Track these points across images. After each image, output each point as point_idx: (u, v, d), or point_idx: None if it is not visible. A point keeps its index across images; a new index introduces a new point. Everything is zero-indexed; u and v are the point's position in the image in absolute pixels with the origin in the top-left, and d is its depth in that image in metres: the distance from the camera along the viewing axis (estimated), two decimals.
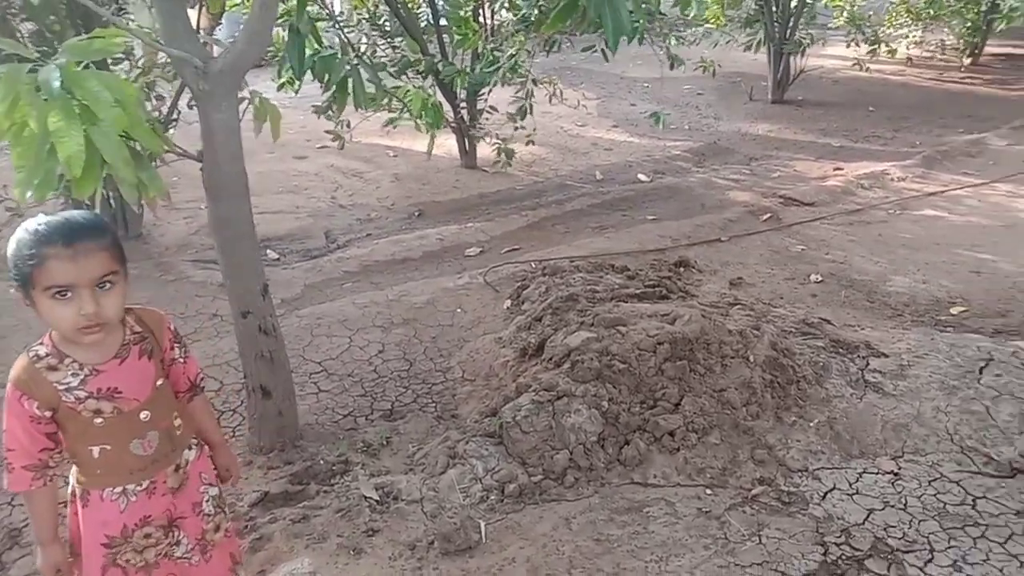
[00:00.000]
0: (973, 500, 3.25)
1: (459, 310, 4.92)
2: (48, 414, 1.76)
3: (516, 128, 7.56)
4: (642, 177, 7.86)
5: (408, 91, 6.22)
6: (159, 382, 1.93)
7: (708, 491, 3.31)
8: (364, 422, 3.87)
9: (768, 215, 6.52)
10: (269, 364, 3.46)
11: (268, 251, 6.07)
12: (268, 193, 7.34)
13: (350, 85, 4.73)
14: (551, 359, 3.84)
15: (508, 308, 4.87)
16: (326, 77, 4.65)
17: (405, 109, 6.74)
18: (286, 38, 4.17)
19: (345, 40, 6.32)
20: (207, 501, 2.11)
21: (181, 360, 2.04)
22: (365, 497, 3.16)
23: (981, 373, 4.00)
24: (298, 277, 5.57)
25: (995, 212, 6.76)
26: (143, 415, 1.88)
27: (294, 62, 4.19)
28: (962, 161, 8.34)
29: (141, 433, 1.89)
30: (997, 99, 11.30)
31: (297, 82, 5.51)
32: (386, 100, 6.97)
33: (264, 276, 3.41)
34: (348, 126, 7.22)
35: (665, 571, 2.86)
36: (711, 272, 5.47)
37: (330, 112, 6.95)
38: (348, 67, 4.65)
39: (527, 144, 8.13)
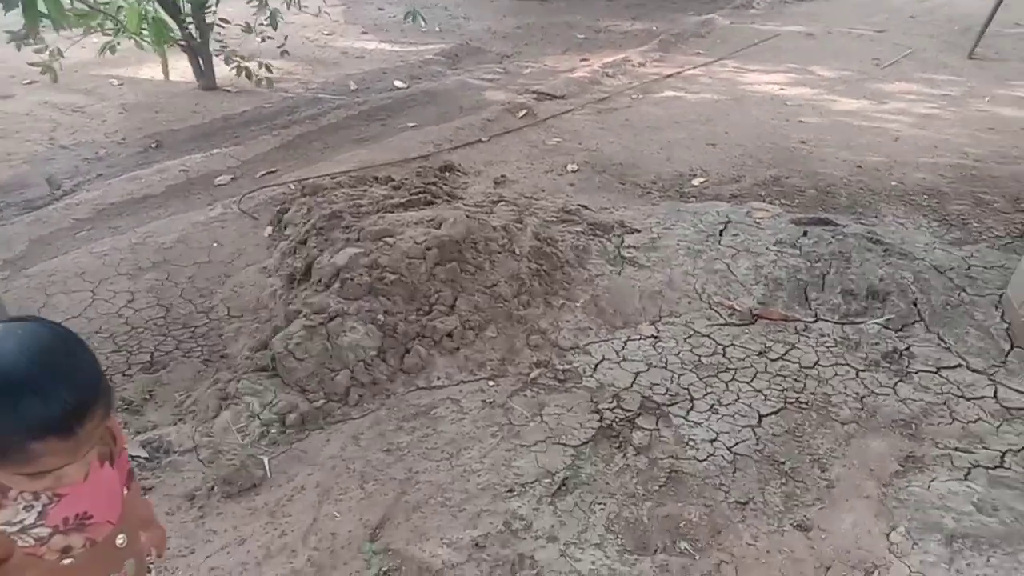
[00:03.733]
0: (723, 349, 3.61)
1: (216, 244, 4.57)
2: None
3: (262, 40, 7.01)
4: (398, 84, 7.66)
5: (120, 6, 5.52)
6: (124, 491, 1.50)
7: (491, 382, 3.40)
8: (121, 379, 3.52)
9: (524, 111, 6.63)
10: None
11: None
12: None
13: (40, 3, 4.08)
14: (320, 281, 3.69)
15: (270, 235, 4.60)
16: None
17: (122, 29, 6.00)
18: None
19: None
20: None
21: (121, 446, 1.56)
22: (131, 457, 2.90)
23: (721, 235, 4.41)
24: (20, 232, 4.87)
25: (725, 88, 7.36)
26: (119, 540, 1.46)
27: None
28: (694, 42, 8.95)
29: (118, 564, 1.48)
30: None
31: None
32: (98, 21, 6.16)
33: None
34: (60, 54, 6.30)
35: (456, 465, 2.92)
36: (475, 173, 5.50)
37: (30, 40, 6.02)
38: None
39: (282, 55, 7.60)
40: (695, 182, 5.34)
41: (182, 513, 2.69)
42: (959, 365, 3.47)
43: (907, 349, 3.56)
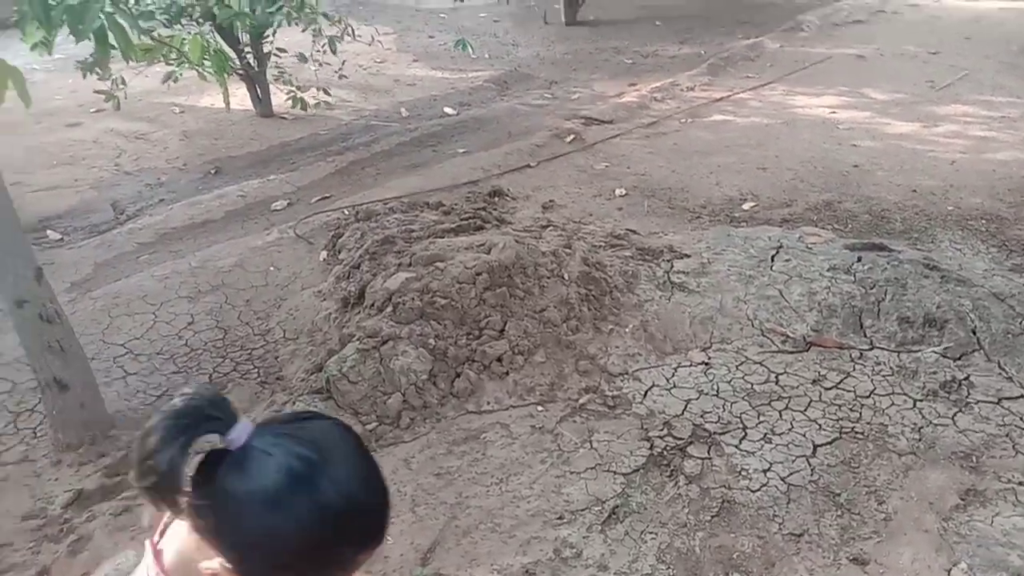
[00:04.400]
0: (776, 377, 3.57)
1: (272, 268, 4.70)
2: None
3: (319, 66, 7.21)
4: (448, 110, 7.78)
5: (184, 39, 5.74)
6: None
7: (540, 408, 3.41)
8: None
9: (572, 136, 6.68)
10: (60, 355, 3.15)
11: (48, 232, 5.48)
12: (40, 168, 6.59)
13: (110, 36, 4.26)
14: (373, 305, 3.76)
15: (325, 259, 4.71)
16: (79, 29, 4.15)
17: (184, 59, 6.23)
18: None
19: None
20: None
21: None
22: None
23: (773, 260, 4.37)
24: (86, 256, 5.07)
25: (775, 111, 7.31)
26: None
27: (38, 14, 3.70)
28: (743, 66, 8.91)
29: None
30: (769, 5, 12.12)
31: (49, 40, 4.90)
32: (163, 52, 6.41)
33: (35, 259, 3.06)
34: (123, 83, 6.57)
35: (506, 491, 2.94)
36: (524, 198, 5.55)
37: (97, 70, 6.29)
38: (103, 15, 4.18)
39: (340, 79, 7.80)
40: (745, 206, 5.31)
41: None
42: (1022, 396, 3.37)
43: (966, 379, 3.47)
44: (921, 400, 3.36)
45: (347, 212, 5.17)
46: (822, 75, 8.33)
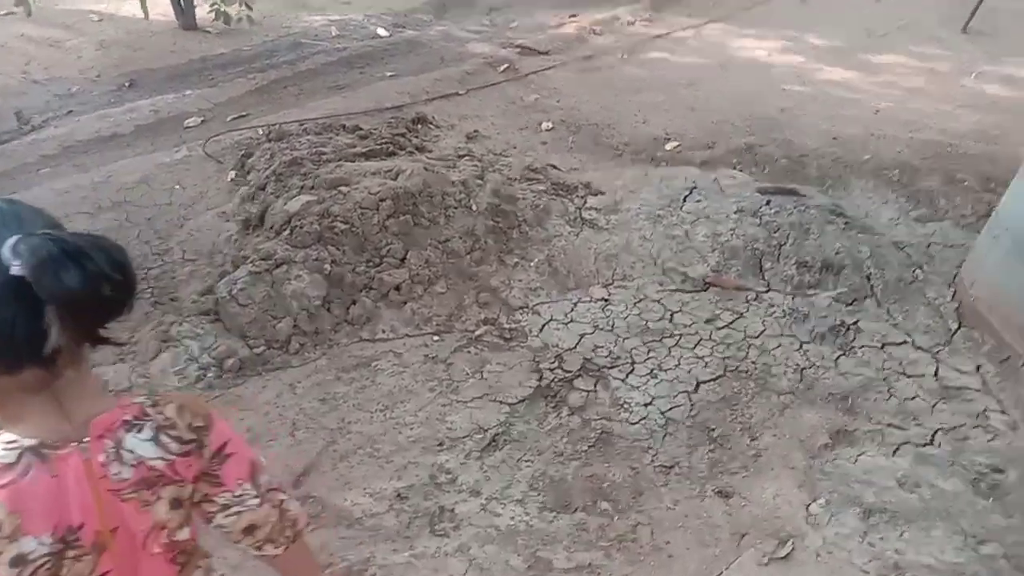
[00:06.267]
0: (671, 315, 3.61)
1: (178, 187, 4.54)
2: None
3: None
4: (381, 32, 7.51)
5: None
6: None
7: (435, 338, 3.40)
8: None
9: (505, 66, 6.52)
10: None
11: None
12: None
13: None
14: (272, 228, 3.67)
15: (232, 180, 4.56)
16: None
17: None
18: None
19: None
20: None
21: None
22: None
23: (684, 201, 4.37)
24: None
25: (712, 52, 7.22)
26: None
27: None
28: (687, 3, 8.75)
29: None
30: None
31: None
32: None
33: None
34: None
35: (390, 418, 2.95)
36: (448, 127, 5.43)
37: None
38: None
39: None
40: (668, 146, 5.28)
41: None
42: (904, 342, 3.47)
43: (855, 323, 3.56)
44: (808, 343, 3.45)
45: (260, 132, 5.00)
46: (764, 17, 8.23)
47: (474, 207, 3.87)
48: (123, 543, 1.04)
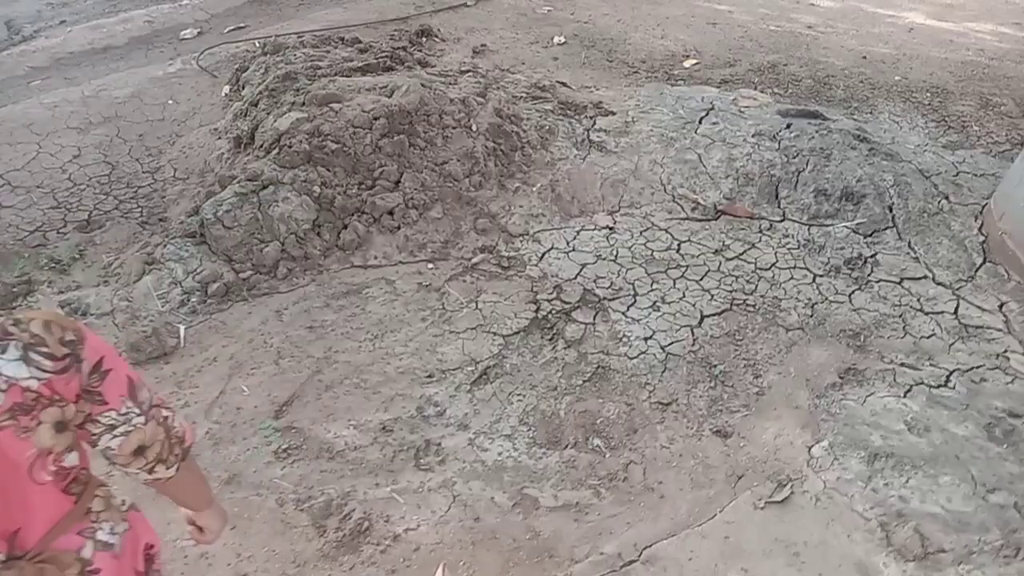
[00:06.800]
0: (678, 244, 3.44)
1: (171, 101, 4.36)
2: None
3: None
4: None
5: None
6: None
7: (430, 265, 3.27)
8: (55, 236, 3.43)
9: None
10: None
11: None
12: None
13: None
14: (261, 146, 3.50)
15: (227, 94, 4.38)
16: None
17: None
18: None
19: None
20: None
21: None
22: None
23: (700, 123, 4.13)
24: None
25: None
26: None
27: None
28: None
29: None
30: None
31: None
32: None
33: None
34: None
35: (379, 347, 2.84)
36: (454, 40, 5.17)
37: None
38: None
39: None
40: (687, 64, 4.99)
41: None
42: (924, 277, 3.29)
43: (873, 256, 3.37)
44: (822, 276, 3.27)
45: (257, 44, 4.77)
46: None
47: (474, 127, 3.67)
48: (3, 473, 0.95)
